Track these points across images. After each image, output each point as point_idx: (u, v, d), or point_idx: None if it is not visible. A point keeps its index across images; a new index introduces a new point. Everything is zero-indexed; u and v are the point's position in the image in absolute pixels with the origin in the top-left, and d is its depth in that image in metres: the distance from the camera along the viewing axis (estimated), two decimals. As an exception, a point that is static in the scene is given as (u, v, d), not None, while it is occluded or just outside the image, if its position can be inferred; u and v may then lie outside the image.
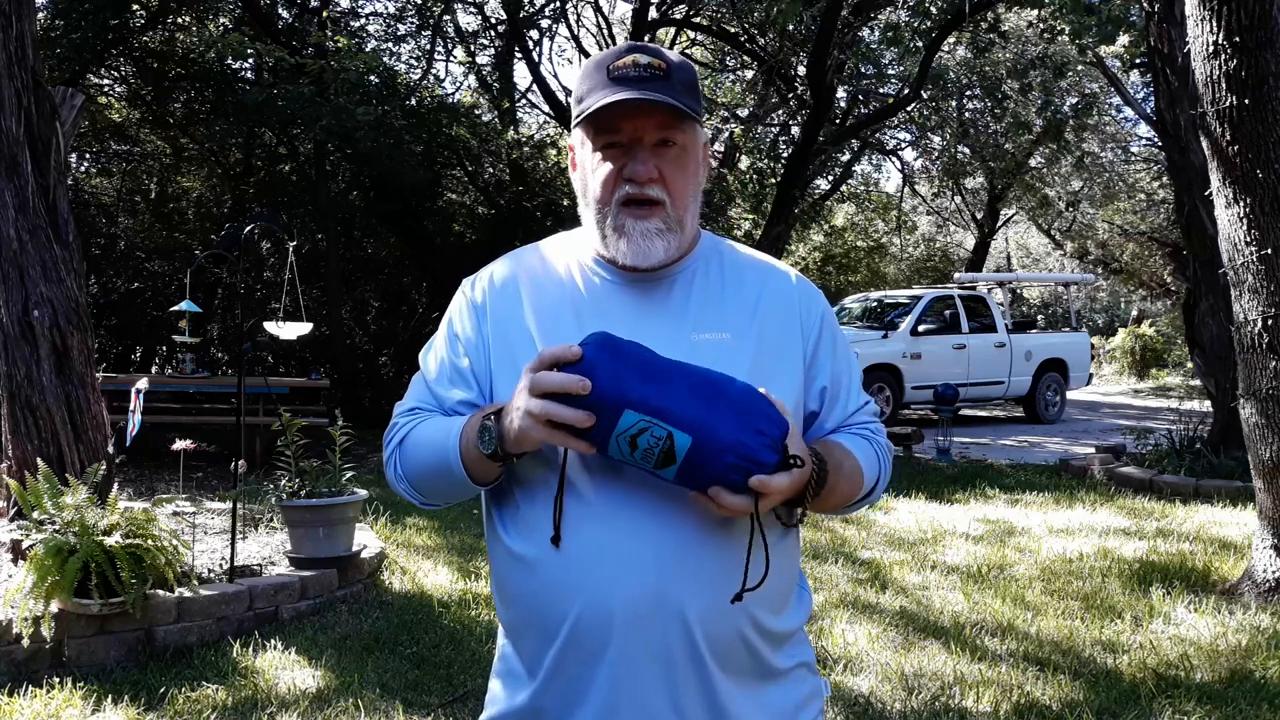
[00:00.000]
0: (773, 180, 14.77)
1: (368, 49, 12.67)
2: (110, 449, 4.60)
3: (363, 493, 4.96)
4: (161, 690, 3.54)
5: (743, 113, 16.48)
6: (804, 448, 1.24)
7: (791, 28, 12.87)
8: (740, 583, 1.24)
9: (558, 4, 14.75)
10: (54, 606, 3.69)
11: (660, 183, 1.31)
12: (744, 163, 15.11)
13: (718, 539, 1.24)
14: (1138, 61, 10.25)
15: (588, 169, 1.36)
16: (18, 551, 4.19)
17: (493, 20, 15.30)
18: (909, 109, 16.04)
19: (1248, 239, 4.45)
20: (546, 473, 1.28)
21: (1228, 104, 4.39)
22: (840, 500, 1.36)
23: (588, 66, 1.35)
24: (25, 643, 3.59)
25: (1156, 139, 13.49)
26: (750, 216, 16.52)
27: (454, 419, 1.33)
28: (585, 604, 1.23)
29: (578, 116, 1.33)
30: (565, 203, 13.17)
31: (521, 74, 24.33)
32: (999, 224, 25.45)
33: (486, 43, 15.92)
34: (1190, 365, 10.95)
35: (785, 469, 1.18)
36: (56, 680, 3.58)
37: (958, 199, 24.21)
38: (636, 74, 1.30)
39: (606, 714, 1.25)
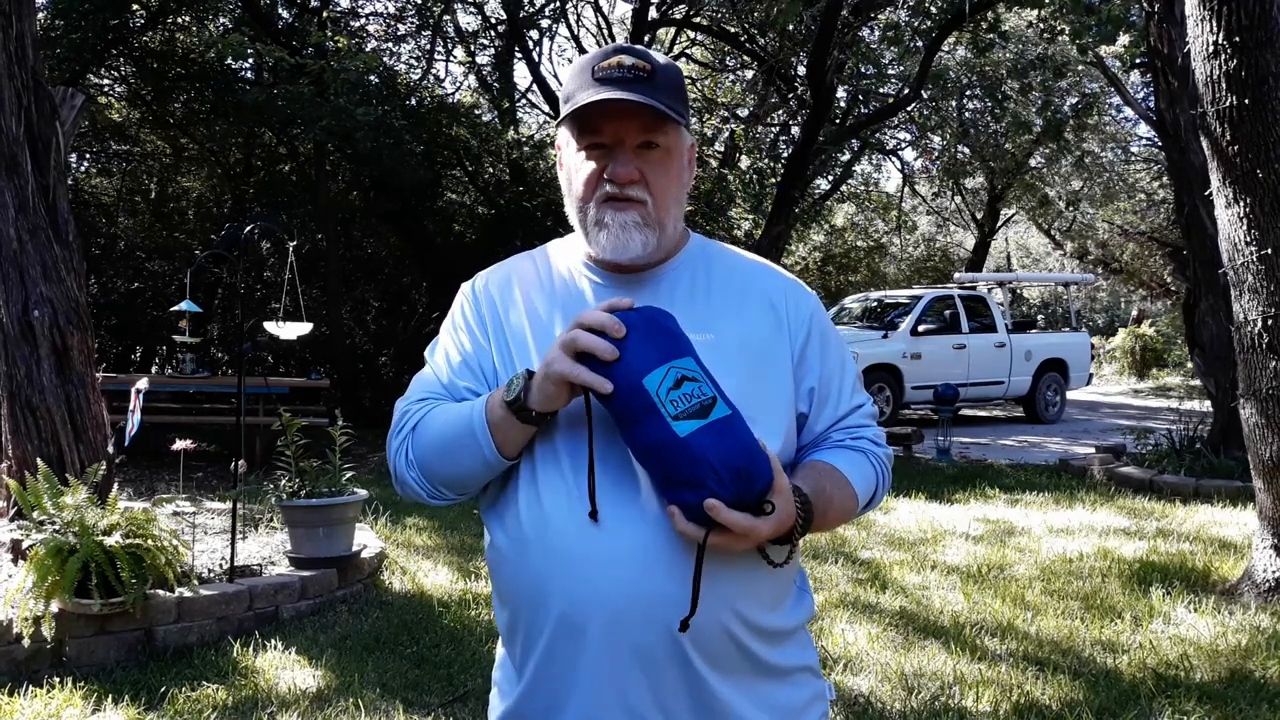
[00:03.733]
0: (773, 180, 14.77)
1: (368, 49, 12.66)
2: (110, 449, 4.60)
3: (363, 493, 4.97)
4: (162, 690, 3.54)
5: (743, 113, 16.48)
6: (789, 501, 1.22)
7: (791, 28, 12.87)
8: (724, 582, 1.24)
9: (558, 4, 14.75)
10: (54, 606, 3.69)
11: (642, 184, 1.33)
12: (744, 163, 15.10)
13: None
14: (1138, 61, 10.25)
15: (572, 168, 1.38)
16: (18, 551, 4.19)
17: (493, 20, 15.29)
18: (909, 109, 16.04)
19: (1248, 239, 4.45)
20: (526, 459, 1.30)
21: (1228, 104, 4.39)
22: (831, 528, 1.40)
23: (575, 66, 1.37)
24: (25, 643, 3.59)
25: (1156, 139, 13.49)
26: (750, 216, 16.51)
27: (478, 398, 1.34)
28: (567, 601, 1.24)
29: (562, 115, 1.35)
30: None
31: (521, 74, 24.34)
32: (999, 224, 25.45)
33: (486, 43, 15.91)
34: (1190, 365, 10.95)
35: (755, 511, 1.18)
36: (57, 680, 3.58)
37: (958, 199, 24.22)
38: (620, 75, 1.31)
39: (591, 713, 1.25)
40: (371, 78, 11.29)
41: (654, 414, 1.17)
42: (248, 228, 5.24)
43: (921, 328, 12.78)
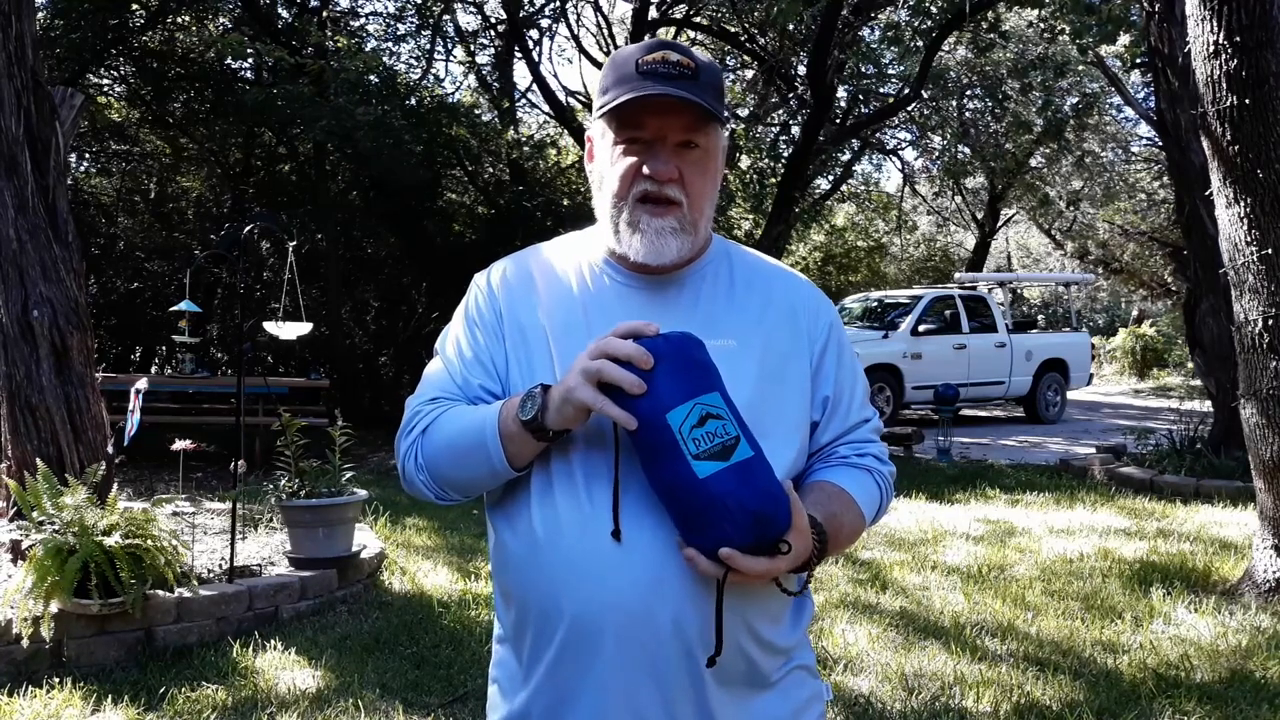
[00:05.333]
0: (773, 180, 14.77)
1: (367, 49, 12.67)
2: (110, 449, 4.60)
3: (362, 493, 4.96)
4: (161, 690, 3.54)
5: (743, 113, 16.48)
6: (806, 537, 1.22)
7: (791, 27, 12.88)
8: (740, 601, 1.24)
9: (558, 4, 14.76)
10: (54, 607, 3.69)
11: (679, 183, 1.30)
12: (744, 163, 15.10)
13: None
14: (1138, 61, 10.25)
15: (606, 162, 1.34)
16: (17, 552, 4.19)
17: (493, 20, 15.30)
18: (909, 109, 16.05)
19: (1248, 239, 4.45)
20: (539, 467, 1.28)
21: (1228, 104, 4.38)
22: (840, 551, 1.41)
23: (616, 58, 1.34)
24: (25, 643, 3.59)
25: (1157, 139, 13.49)
26: (750, 216, 16.51)
27: (491, 405, 1.31)
28: (581, 605, 1.23)
29: (602, 107, 1.32)
30: (565, 203, 13.17)
31: (521, 74, 24.38)
32: (999, 224, 25.44)
33: (486, 42, 15.92)
34: (1191, 365, 10.95)
35: (770, 552, 1.17)
36: (56, 680, 3.58)
37: (958, 199, 24.21)
38: (666, 70, 1.28)
39: (599, 717, 1.24)
40: (371, 78, 11.29)
41: (675, 451, 1.15)
42: (248, 228, 5.24)
43: (922, 328, 12.78)
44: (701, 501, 1.15)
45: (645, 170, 1.29)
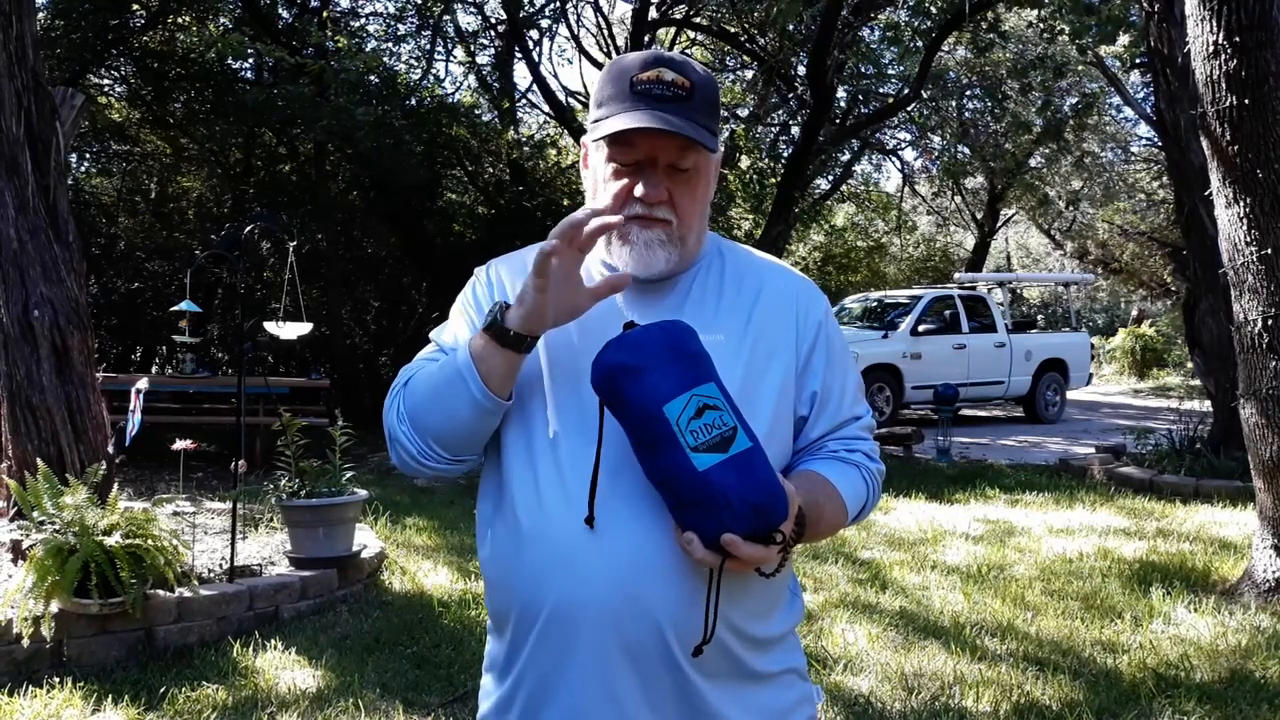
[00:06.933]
0: (773, 180, 14.77)
1: (368, 49, 12.66)
2: (110, 449, 4.60)
3: (363, 493, 4.96)
4: (161, 690, 3.54)
5: (743, 113, 16.48)
6: (792, 524, 1.22)
7: (791, 28, 12.87)
8: (720, 594, 1.24)
9: (558, 4, 14.75)
10: (54, 606, 3.69)
11: (669, 204, 1.33)
12: (744, 163, 15.10)
13: None
14: (1138, 61, 10.25)
15: (599, 178, 1.37)
16: (18, 551, 4.19)
17: (493, 20, 15.29)
18: (909, 109, 16.04)
19: (1248, 239, 4.45)
20: (526, 459, 1.29)
21: (1228, 104, 4.39)
22: (820, 539, 1.39)
23: (613, 68, 1.35)
24: (25, 643, 3.59)
25: (1156, 139, 13.50)
26: (750, 216, 16.52)
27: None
28: (560, 594, 1.25)
29: (594, 125, 1.34)
30: (565, 202, 13.17)
31: (521, 74, 24.35)
32: (999, 224, 25.43)
33: (486, 43, 15.92)
34: (1190, 365, 10.96)
35: (765, 541, 1.18)
36: (56, 680, 3.58)
37: (958, 199, 24.20)
38: (660, 92, 1.30)
39: (577, 706, 1.26)
40: (371, 78, 11.29)
41: (673, 443, 1.16)
42: (248, 228, 5.24)
43: (921, 328, 12.79)
44: (701, 494, 1.16)
45: (636, 192, 1.32)
